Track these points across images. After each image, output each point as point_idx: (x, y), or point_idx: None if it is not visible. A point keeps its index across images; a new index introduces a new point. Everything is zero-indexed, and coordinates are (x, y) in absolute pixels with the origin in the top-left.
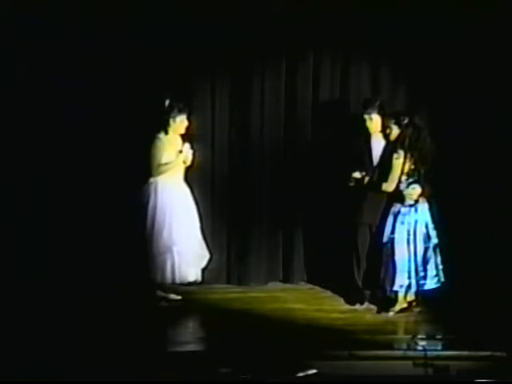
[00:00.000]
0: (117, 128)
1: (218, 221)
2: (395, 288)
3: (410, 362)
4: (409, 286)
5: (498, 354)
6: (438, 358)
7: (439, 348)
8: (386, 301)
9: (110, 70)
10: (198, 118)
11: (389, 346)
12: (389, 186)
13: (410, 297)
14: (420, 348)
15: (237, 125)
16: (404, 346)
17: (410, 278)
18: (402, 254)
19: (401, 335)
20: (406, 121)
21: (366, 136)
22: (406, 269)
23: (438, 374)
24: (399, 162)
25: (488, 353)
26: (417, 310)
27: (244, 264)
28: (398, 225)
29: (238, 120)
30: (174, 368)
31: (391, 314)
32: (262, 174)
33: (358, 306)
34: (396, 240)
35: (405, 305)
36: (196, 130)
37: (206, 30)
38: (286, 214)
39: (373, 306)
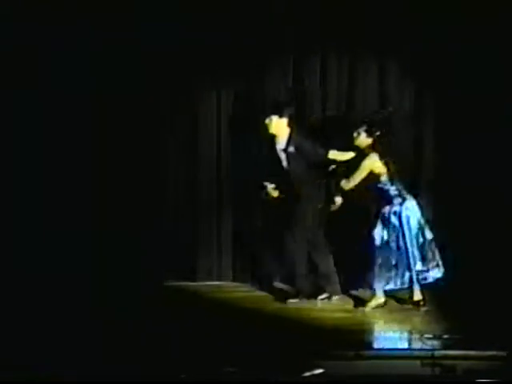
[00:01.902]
0: (118, 127)
1: (224, 222)
2: (391, 286)
3: (417, 362)
4: (410, 282)
5: (502, 353)
6: (446, 357)
7: (446, 347)
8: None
9: (111, 70)
10: (203, 119)
11: (396, 345)
12: (346, 185)
13: (417, 296)
14: (427, 347)
15: (241, 127)
16: (411, 345)
17: (410, 272)
18: (398, 252)
19: (408, 335)
20: (378, 132)
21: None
22: (405, 265)
23: (445, 374)
24: (369, 164)
25: (494, 352)
26: (424, 309)
27: (249, 264)
28: (391, 224)
29: (243, 122)
30: (179, 366)
31: (368, 309)
32: (269, 176)
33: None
34: (391, 239)
35: (382, 300)
36: (202, 128)
37: (213, 31)
38: (290, 217)
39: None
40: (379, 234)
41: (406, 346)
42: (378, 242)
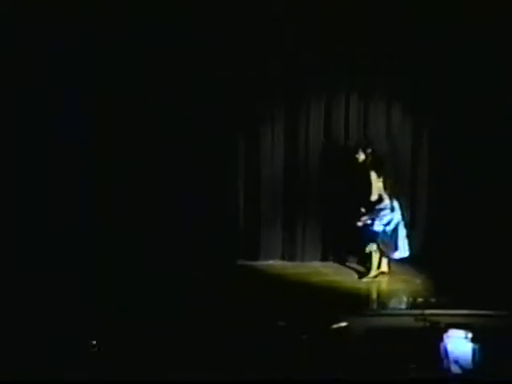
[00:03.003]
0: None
1: (274, 217)
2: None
3: (412, 318)
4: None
5: (474, 311)
6: (432, 315)
7: (433, 308)
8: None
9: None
10: (263, 145)
11: (398, 306)
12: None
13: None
14: (420, 307)
15: (289, 147)
16: (408, 306)
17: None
18: (389, 236)
19: (406, 299)
20: (369, 150)
21: None
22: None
23: (433, 327)
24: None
25: (469, 311)
26: (418, 281)
27: (294, 246)
28: (383, 218)
29: (290, 144)
30: (246, 318)
31: (366, 279)
32: (309, 181)
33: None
34: (382, 227)
35: (375, 273)
36: (261, 153)
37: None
38: (323, 213)
39: (387, 278)
40: (376, 224)
41: (404, 307)
42: (376, 229)
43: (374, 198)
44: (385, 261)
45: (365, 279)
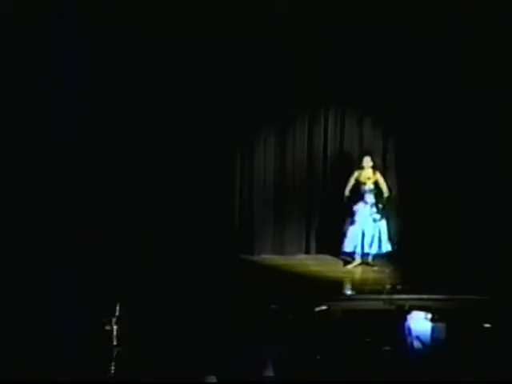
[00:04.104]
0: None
1: (266, 219)
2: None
3: (381, 302)
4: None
5: (436, 296)
6: (399, 299)
7: (399, 293)
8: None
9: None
10: (258, 156)
11: (369, 292)
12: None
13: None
14: (388, 293)
15: (277, 160)
16: (378, 292)
17: (370, 247)
18: (368, 233)
19: (376, 286)
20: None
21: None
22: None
23: (398, 309)
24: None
25: (430, 295)
26: (387, 271)
27: (282, 242)
28: (366, 217)
29: (278, 157)
30: (241, 302)
31: (350, 267)
32: (294, 187)
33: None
34: (366, 225)
35: (358, 262)
36: (255, 164)
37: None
38: (309, 213)
39: (361, 268)
40: (359, 221)
41: (375, 292)
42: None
43: (385, 195)
44: (359, 254)
45: (348, 267)
